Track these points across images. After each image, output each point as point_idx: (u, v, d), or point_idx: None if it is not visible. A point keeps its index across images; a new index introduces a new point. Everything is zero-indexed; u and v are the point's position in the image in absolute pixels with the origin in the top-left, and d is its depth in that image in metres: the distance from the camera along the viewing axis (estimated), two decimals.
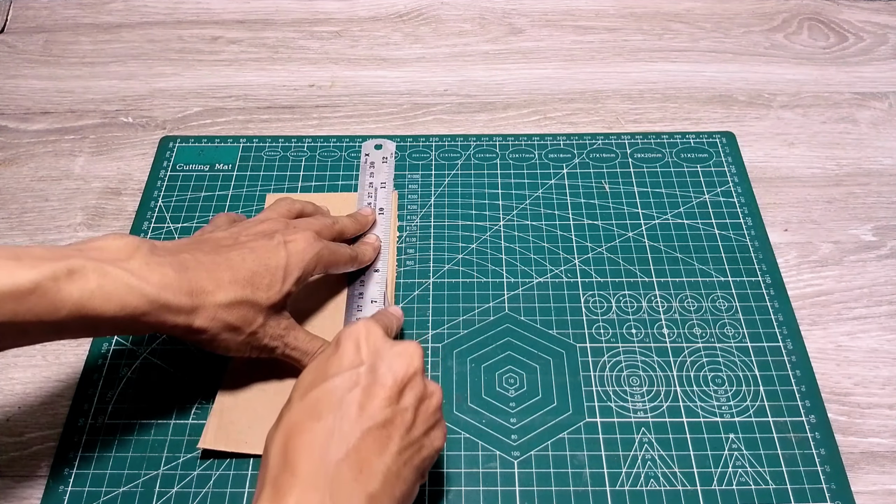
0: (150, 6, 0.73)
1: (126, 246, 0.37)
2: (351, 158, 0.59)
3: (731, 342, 0.48)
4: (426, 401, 0.36)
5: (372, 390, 0.35)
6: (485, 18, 0.73)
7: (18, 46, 0.70)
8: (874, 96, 0.64)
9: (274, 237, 0.43)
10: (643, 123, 0.63)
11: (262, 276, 0.41)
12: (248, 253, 0.41)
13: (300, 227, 0.45)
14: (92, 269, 0.35)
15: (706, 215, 0.55)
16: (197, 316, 0.38)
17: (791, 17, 0.72)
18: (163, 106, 0.64)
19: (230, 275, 0.40)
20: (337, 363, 0.36)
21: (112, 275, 0.35)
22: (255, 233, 0.44)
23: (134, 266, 0.37)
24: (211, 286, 0.39)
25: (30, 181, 0.59)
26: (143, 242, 0.38)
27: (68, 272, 0.34)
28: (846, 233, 0.55)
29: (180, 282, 0.38)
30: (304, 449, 0.33)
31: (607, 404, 0.45)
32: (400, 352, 0.36)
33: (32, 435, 0.45)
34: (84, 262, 0.35)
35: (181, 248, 0.40)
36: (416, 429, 0.36)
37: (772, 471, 0.43)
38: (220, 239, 0.43)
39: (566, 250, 0.53)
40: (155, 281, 0.37)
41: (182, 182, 0.58)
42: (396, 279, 0.52)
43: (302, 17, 0.73)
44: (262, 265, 0.41)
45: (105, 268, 0.35)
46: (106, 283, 0.35)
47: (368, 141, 0.60)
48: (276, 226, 0.45)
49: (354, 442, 0.33)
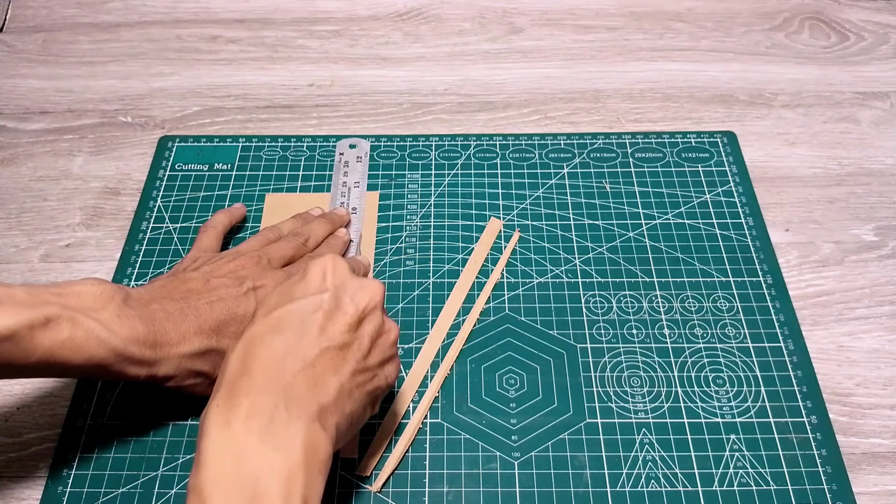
0: (148, 5, 0.73)
1: (102, 294, 0.38)
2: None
3: (732, 342, 0.48)
4: (384, 335, 0.39)
5: (333, 315, 0.36)
6: (485, 17, 0.72)
7: (17, 46, 0.70)
8: (875, 96, 0.64)
9: (244, 283, 0.43)
10: (644, 123, 0.62)
11: (228, 324, 0.42)
12: (217, 301, 0.42)
13: (274, 260, 0.46)
14: (66, 319, 0.36)
15: (707, 215, 0.55)
16: (160, 366, 0.39)
17: (792, 17, 0.72)
18: (162, 105, 0.64)
19: (196, 325, 0.40)
20: (303, 288, 0.37)
21: (84, 326, 0.36)
22: (226, 274, 0.44)
23: (105, 317, 0.37)
24: (176, 338, 0.40)
25: (28, 181, 0.59)
26: (118, 291, 0.39)
27: (45, 321, 0.35)
28: (847, 233, 0.55)
29: (146, 335, 0.39)
30: (262, 358, 0.34)
31: (608, 405, 0.45)
32: (363, 285, 0.38)
33: (31, 436, 0.45)
34: (60, 312, 0.36)
35: (153, 298, 0.41)
36: (372, 357, 0.38)
37: (773, 472, 0.43)
38: (190, 281, 0.43)
39: (566, 250, 0.53)
40: (124, 335, 0.38)
41: (181, 182, 0.57)
42: (396, 279, 0.51)
43: (301, 17, 0.72)
44: (229, 314, 0.42)
45: (78, 318, 0.36)
46: (77, 335, 0.36)
47: (343, 140, 0.60)
48: (248, 268, 0.45)
49: (311, 358, 0.35)
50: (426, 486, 0.42)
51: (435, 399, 0.46)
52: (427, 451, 0.44)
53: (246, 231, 0.54)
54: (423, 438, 0.44)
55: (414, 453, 0.44)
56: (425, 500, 0.42)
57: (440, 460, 0.43)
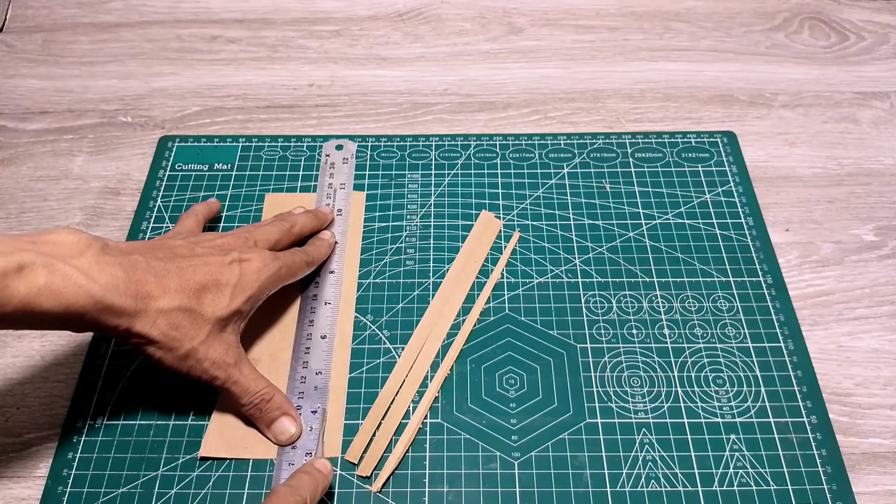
0: (148, 5, 0.73)
1: (78, 242, 0.37)
2: None
3: (732, 342, 0.48)
4: None
5: None
6: (485, 17, 0.72)
7: (17, 46, 0.70)
8: (875, 96, 0.64)
9: (230, 254, 0.43)
10: (644, 123, 0.62)
11: (209, 289, 0.41)
12: (201, 265, 0.41)
13: (259, 241, 0.46)
14: (42, 265, 0.35)
15: (707, 215, 0.55)
16: (138, 320, 0.38)
17: (792, 17, 0.72)
18: (161, 105, 0.64)
19: (178, 283, 0.40)
20: None
21: (61, 272, 0.35)
22: (212, 246, 0.44)
23: (84, 264, 0.36)
24: (157, 291, 0.39)
25: (28, 181, 0.59)
26: (96, 240, 0.38)
27: (18, 268, 0.34)
28: (847, 233, 0.55)
29: (127, 284, 0.38)
30: None
31: (608, 405, 0.45)
32: None
33: (31, 435, 0.45)
34: (34, 258, 0.35)
35: (134, 250, 0.40)
36: None
37: (773, 472, 0.43)
38: (176, 247, 0.43)
39: (566, 250, 0.53)
40: (103, 281, 0.37)
41: (181, 182, 0.57)
42: (396, 279, 0.51)
43: (301, 17, 0.72)
44: (212, 279, 0.41)
45: (55, 264, 0.35)
46: (54, 281, 0.35)
47: (330, 141, 0.60)
48: (235, 242, 0.45)
49: None
50: (426, 486, 0.42)
51: (435, 399, 0.46)
52: (427, 451, 0.44)
53: None
54: (423, 438, 0.44)
55: (414, 453, 0.44)
56: (425, 500, 0.42)
57: (440, 460, 0.43)
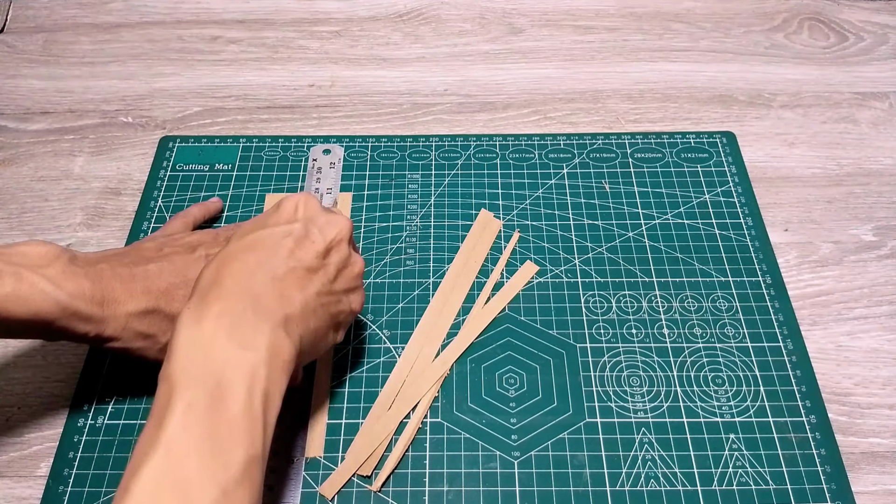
0: (149, 6, 0.73)
1: (47, 253, 0.38)
2: (350, 159, 0.59)
3: (731, 342, 0.48)
4: (349, 266, 0.41)
5: (303, 242, 0.39)
6: (485, 18, 0.73)
7: (18, 46, 0.70)
8: (874, 96, 0.64)
9: (197, 250, 0.44)
10: (643, 123, 0.62)
11: (178, 287, 0.42)
12: (167, 265, 0.42)
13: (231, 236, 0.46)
14: (10, 274, 0.36)
15: (706, 215, 0.55)
16: (107, 325, 0.39)
17: (791, 17, 0.72)
18: (162, 106, 0.64)
19: (144, 285, 0.41)
20: (276, 217, 0.40)
21: (28, 280, 0.37)
22: (181, 244, 0.45)
23: (51, 273, 0.38)
24: (123, 296, 0.40)
25: (29, 181, 0.59)
26: (64, 252, 0.39)
27: None
28: (846, 233, 0.55)
29: (93, 291, 0.39)
30: (234, 271, 0.36)
31: (607, 404, 0.45)
32: (332, 220, 0.41)
33: (32, 435, 0.45)
34: (2, 267, 0.36)
35: (102, 259, 0.41)
36: (337, 284, 0.40)
37: (772, 471, 0.43)
38: (144, 250, 0.43)
39: (566, 250, 0.53)
40: (70, 289, 0.38)
41: (182, 182, 0.58)
42: (396, 279, 0.52)
43: (302, 17, 0.72)
44: (180, 277, 0.42)
45: (22, 273, 0.36)
46: (21, 288, 0.36)
47: (317, 145, 0.60)
48: (204, 238, 0.46)
49: (280, 273, 0.37)
50: (426, 485, 0.42)
51: (435, 399, 0.46)
52: (427, 451, 0.44)
53: None
54: (423, 438, 0.44)
55: (414, 453, 0.44)
56: (425, 499, 0.42)
57: (440, 460, 0.43)
